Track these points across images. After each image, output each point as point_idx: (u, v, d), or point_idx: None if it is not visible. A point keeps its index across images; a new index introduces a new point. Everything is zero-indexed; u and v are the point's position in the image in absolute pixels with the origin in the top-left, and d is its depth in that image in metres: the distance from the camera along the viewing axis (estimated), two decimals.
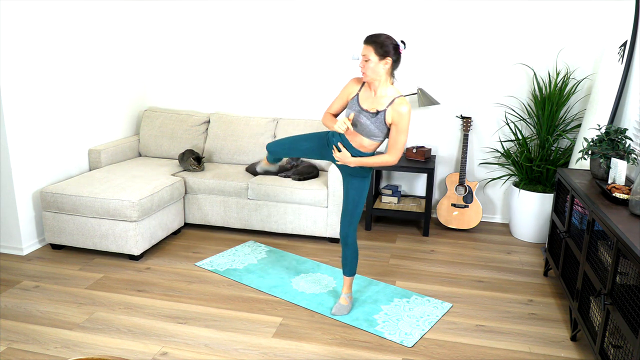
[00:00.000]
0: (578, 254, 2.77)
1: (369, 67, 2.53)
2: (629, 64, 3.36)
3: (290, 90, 4.65)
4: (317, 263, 3.62)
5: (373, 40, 2.51)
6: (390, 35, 2.54)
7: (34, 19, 3.56)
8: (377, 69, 2.54)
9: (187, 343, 2.66)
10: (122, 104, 4.61)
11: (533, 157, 4.10)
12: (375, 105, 2.60)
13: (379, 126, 2.59)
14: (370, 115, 2.59)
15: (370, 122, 2.59)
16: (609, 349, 2.24)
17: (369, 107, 2.61)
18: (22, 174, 3.57)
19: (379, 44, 2.50)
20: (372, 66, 2.53)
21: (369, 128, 2.60)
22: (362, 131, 2.64)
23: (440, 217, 4.33)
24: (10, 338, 2.66)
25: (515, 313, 3.03)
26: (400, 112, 2.54)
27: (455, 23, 4.22)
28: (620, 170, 2.80)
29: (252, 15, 4.55)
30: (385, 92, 2.59)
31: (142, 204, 3.48)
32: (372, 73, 2.55)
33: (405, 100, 2.56)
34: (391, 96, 2.58)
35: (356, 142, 2.70)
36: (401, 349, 2.65)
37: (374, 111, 2.59)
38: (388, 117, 2.57)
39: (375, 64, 2.52)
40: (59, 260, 3.58)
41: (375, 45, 2.50)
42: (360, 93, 2.67)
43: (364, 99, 2.64)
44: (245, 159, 4.46)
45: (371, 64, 2.52)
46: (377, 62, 2.52)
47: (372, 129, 2.60)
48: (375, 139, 2.65)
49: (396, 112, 2.54)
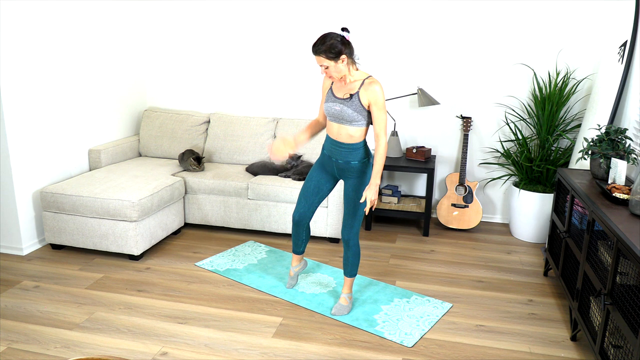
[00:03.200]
0: (578, 254, 2.77)
1: (331, 72, 2.63)
2: (629, 64, 3.36)
3: (290, 90, 4.65)
4: (317, 263, 3.62)
5: (320, 50, 2.56)
6: (331, 33, 2.60)
7: (34, 19, 3.56)
8: (338, 69, 2.62)
9: (187, 343, 2.66)
10: (122, 104, 4.61)
11: (533, 157, 4.10)
12: (348, 91, 2.69)
13: (357, 109, 2.67)
14: (345, 101, 2.68)
15: (347, 107, 2.67)
16: (609, 349, 2.24)
17: (342, 94, 2.71)
18: (22, 174, 3.58)
19: (326, 50, 2.56)
20: (332, 71, 2.62)
21: (347, 113, 2.68)
22: (342, 119, 2.71)
23: (440, 217, 4.33)
24: (10, 338, 2.66)
25: (515, 313, 3.03)
26: (374, 90, 2.64)
27: (456, 23, 4.23)
28: (620, 170, 2.80)
29: (252, 16, 4.55)
30: (355, 77, 2.70)
31: (142, 204, 3.48)
32: (336, 74, 2.64)
33: (374, 79, 2.67)
34: (360, 79, 2.69)
35: (343, 136, 2.75)
36: (401, 349, 2.65)
37: (347, 97, 2.69)
38: (363, 98, 2.66)
39: (334, 67, 2.61)
40: (59, 260, 3.58)
41: (324, 54, 2.57)
42: (333, 85, 2.77)
43: (337, 90, 2.75)
44: (245, 159, 4.47)
45: (331, 69, 2.61)
46: (335, 65, 2.60)
47: (350, 113, 2.68)
48: (357, 124, 2.71)
49: (369, 91, 2.64)
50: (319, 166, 2.95)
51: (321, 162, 2.94)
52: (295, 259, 3.24)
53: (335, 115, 2.72)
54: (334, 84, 2.77)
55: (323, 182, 2.94)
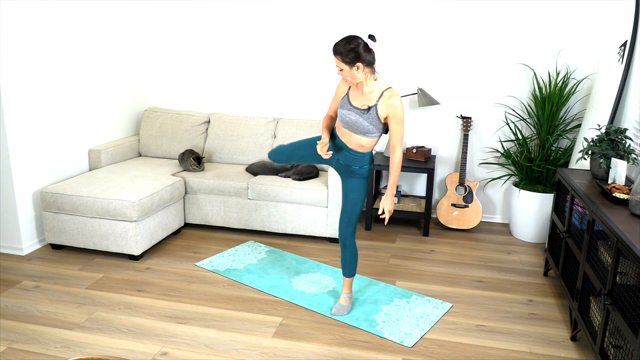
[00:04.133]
0: (578, 254, 2.77)
1: (345, 75, 2.56)
2: (629, 64, 3.36)
3: (290, 90, 4.65)
4: (317, 263, 3.62)
5: (338, 52, 2.51)
6: (356, 37, 2.51)
7: (34, 19, 3.56)
8: (353, 76, 2.55)
9: (187, 343, 2.66)
10: (122, 104, 4.61)
11: (533, 157, 4.10)
12: (366, 102, 2.61)
13: (373, 122, 2.60)
14: (362, 112, 2.61)
15: (363, 119, 2.60)
16: (609, 349, 2.24)
17: (359, 104, 2.63)
18: (22, 174, 3.58)
19: (343, 53, 2.49)
20: (346, 75, 2.55)
21: (362, 125, 2.61)
22: (356, 129, 2.65)
23: (440, 217, 4.33)
24: (10, 338, 2.66)
25: (515, 313, 3.03)
26: (393, 103, 2.55)
27: (456, 23, 4.23)
28: (620, 170, 2.80)
29: (252, 16, 4.55)
30: (372, 88, 2.61)
31: (142, 204, 3.48)
32: (350, 79, 2.57)
33: (394, 91, 2.58)
34: (379, 90, 2.59)
35: (353, 143, 2.70)
36: (401, 349, 2.65)
37: (365, 108, 2.60)
38: (381, 111, 2.58)
39: (348, 72, 2.54)
40: (59, 260, 3.58)
41: (340, 56, 2.51)
42: (350, 92, 2.69)
43: (353, 97, 2.66)
44: (245, 159, 4.47)
45: (345, 73, 2.55)
46: (349, 70, 2.53)
47: (366, 126, 2.61)
48: (370, 135, 2.65)
49: (388, 104, 2.56)
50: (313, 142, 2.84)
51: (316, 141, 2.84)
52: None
53: (349, 124, 2.65)
54: (351, 90, 2.68)
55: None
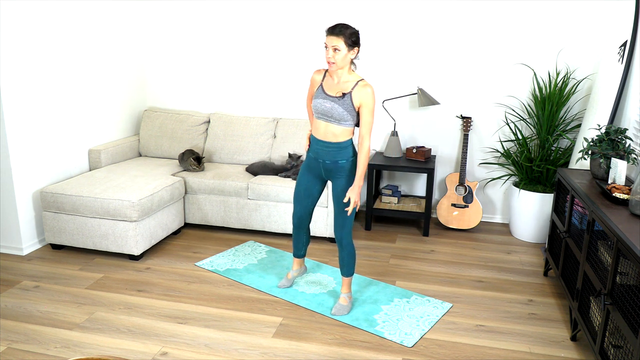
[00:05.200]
0: (578, 254, 2.77)
1: (339, 57, 2.63)
2: (629, 64, 3.36)
3: (290, 90, 4.65)
4: (317, 263, 3.62)
5: (341, 32, 2.60)
6: None
7: (34, 19, 3.56)
8: (345, 59, 2.66)
9: (187, 343, 2.66)
10: (122, 104, 4.61)
11: (533, 157, 4.10)
12: (341, 90, 2.71)
13: (347, 108, 2.69)
14: (337, 99, 2.69)
15: (338, 105, 2.68)
16: (609, 349, 2.24)
17: (334, 92, 2.72)
18: (22, 174, 3.58)
19: (349, 35, 2.61)
20: (341, 56, 2.63)
21: (337, 111, 2.69)
22: (331, 117, 2.72)
23: (440, 217, 4.33)
24: (10, 338, 2.66)
25: (515, 313, 3.03)
26: (367, 92, 2.67)
27: (456, 23, 4.23)
28: (620, 170, 2.80)
29: (252, 16, 4.55)
30: (348, 78, 2.72)
31: (142, 204, 3.48)
32: (341, 62, 2.66)
33: (368, 82, 2.70)
34: (353, 80, 2.72)
35: (328, 135, 2.75)
36: (401, 349, 2.65)
37: (339, 95, 2.69)
38: (355, 98, 2.68)
39: (343, 55, 2.64)
40: (59, 260, 3.58)
41: (344, 37, 2.60)
42: (324, 82, 2.78)
43: (328, 87, 2.75)
44: (245, 159, 4.47)
45: (341, 54, 2.63)
46: (346, 53, 2.64)
47: (341, 112, 2.68)
48: (345, 123, 2.72)
49: (362, 93, 2.67)
50: (306, 169, 2.93)
51: (307, 165, 2.92)
52: (295, 263, 3.24)
53: (324, 112, 2.72)
54: (325, 81, 2.78)
55: (312, 185, 2.94)
